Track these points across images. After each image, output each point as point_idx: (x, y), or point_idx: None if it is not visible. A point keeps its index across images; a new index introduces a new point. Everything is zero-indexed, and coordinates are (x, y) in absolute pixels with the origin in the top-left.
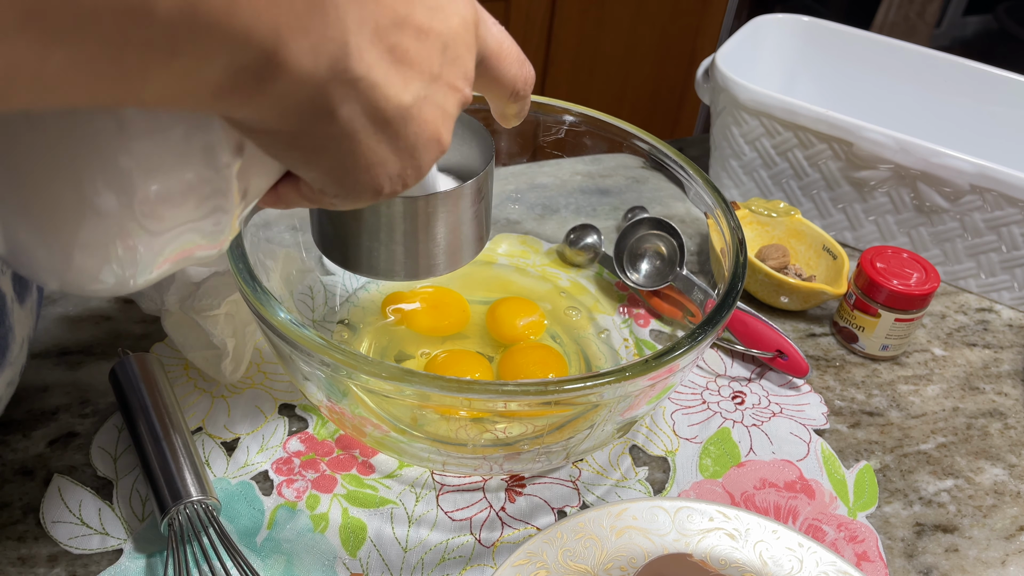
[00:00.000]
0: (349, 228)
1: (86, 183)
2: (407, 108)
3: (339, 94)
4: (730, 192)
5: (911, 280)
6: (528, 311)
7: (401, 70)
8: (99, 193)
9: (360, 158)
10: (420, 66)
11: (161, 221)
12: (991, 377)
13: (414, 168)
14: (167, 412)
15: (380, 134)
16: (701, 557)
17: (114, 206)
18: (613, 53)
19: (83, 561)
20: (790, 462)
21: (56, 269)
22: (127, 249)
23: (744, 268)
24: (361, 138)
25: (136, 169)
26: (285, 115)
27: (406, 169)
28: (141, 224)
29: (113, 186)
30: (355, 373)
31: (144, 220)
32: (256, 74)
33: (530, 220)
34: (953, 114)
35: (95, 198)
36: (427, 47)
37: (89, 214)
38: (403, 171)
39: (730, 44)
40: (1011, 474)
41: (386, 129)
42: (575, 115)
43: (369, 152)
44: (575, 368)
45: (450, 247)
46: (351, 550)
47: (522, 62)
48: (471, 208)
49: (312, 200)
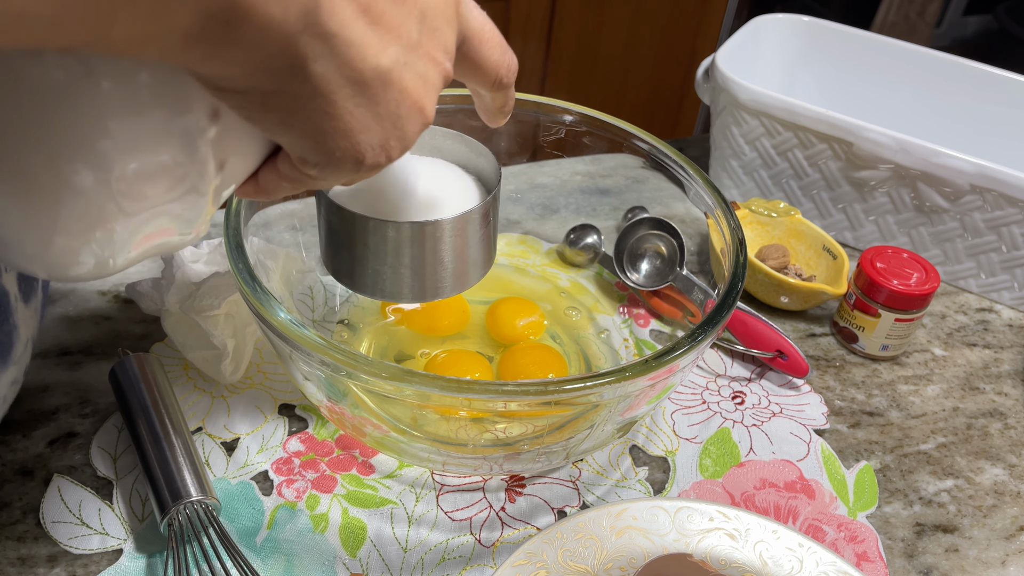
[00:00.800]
0: (357, 251)
1: (63, 162)
2: (386, 71)
3: (312, 49)
4: (730, 192)
5: (911, 280)
6: (528, 311)
7: (377, 31)
8: (77, 172)
9: (338, 121)
10: (397, 30)
11: (138, 200)
12: (991, 377)
13: (397, 138)
14: (167, 412)
15: (358, 96)
16: (701, 557)
17: (91, 184)
18: (613, 53)
19: (83, 561)
20: (790, 462)
21: (38, 253)
22: (105, 231)
23: (744, 268)
24: (337, 99)
25: (113, 144)
26: (256, 70)
27: (389, 139)
28: (118, 204)
29: (90, 163)
30: (355, 373)
31: (121, 199)
32: (224, 21)
33: (530, 220)
34: (953, 114)
35: (73, 177)
36: (404, 12)
37: (67, 194)
38: (386, 141)
39: (730, 44)
40: (1011, 474)
41: (364, 92)
42: (575, 115)
43: (347, 115)
44: (575, 368)
45: (457, 270)
46: (351, 550)
47: (504, 48)
48: (478, 232)
49: (293, 179)
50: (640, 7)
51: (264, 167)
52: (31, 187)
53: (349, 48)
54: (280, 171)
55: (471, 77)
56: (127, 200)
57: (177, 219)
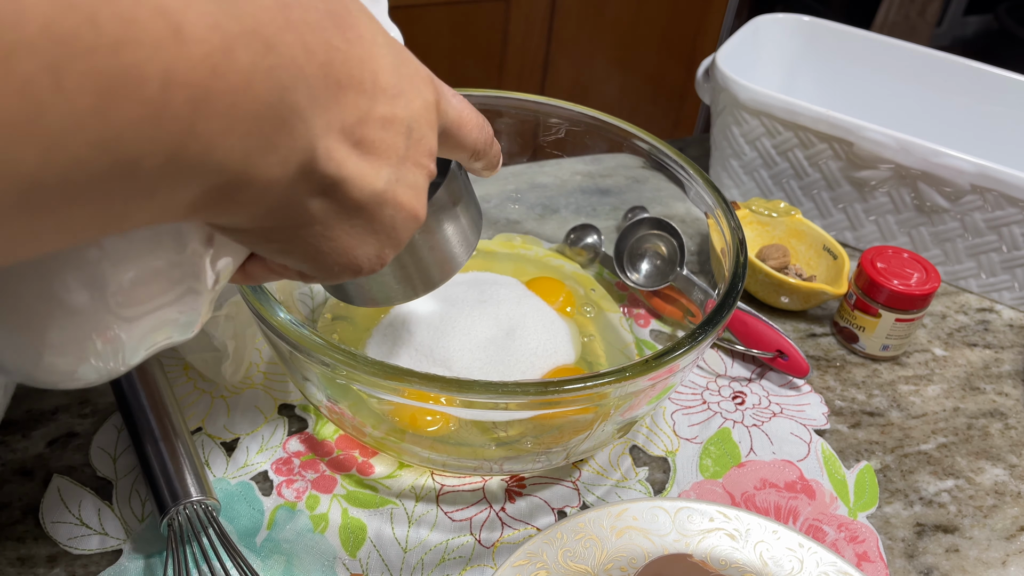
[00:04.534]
0: None
1: (55, 282)
2: (380, 194)
3: (309, 192)
4: (730, 192)
5: (911, 280)
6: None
7: (370, 160)
8: (70, 290)
9: (335, 242)
10: (387, 152)
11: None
12: (992, 377)
13: (392, 246)
14: (167, 412)
15: (355, 219)
16: (701, 557)
17: (86, 301)
18: (613, 53)
19: (83, 561)
20: (790, 462)
21: (25, 369)
22: (107, 341)
23: (744, 268)
24: (335, 225)
25: (107, 262)
26: (257, 217)
27: (384, 248)
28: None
29: (85, 283)
30: (355, 373)
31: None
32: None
33: (530, 220)
34: (954, 114)
35: (65, 296)
36: (392, 134)
37: (59, 313)
38: (381, 250)
39: (730, 44)
40: (1012, 474)
41: (360, 215)
42: (575, 115)
43: (344, 236)
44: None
45: (440, 258)
46: (351, 550)
47: (481, 126)
48: (450, 215)
49: (283, 275)
50: (640, 7)
51: (252, 262)
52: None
53: (344, 184)
54: (270, 267)
55: (451, 154)
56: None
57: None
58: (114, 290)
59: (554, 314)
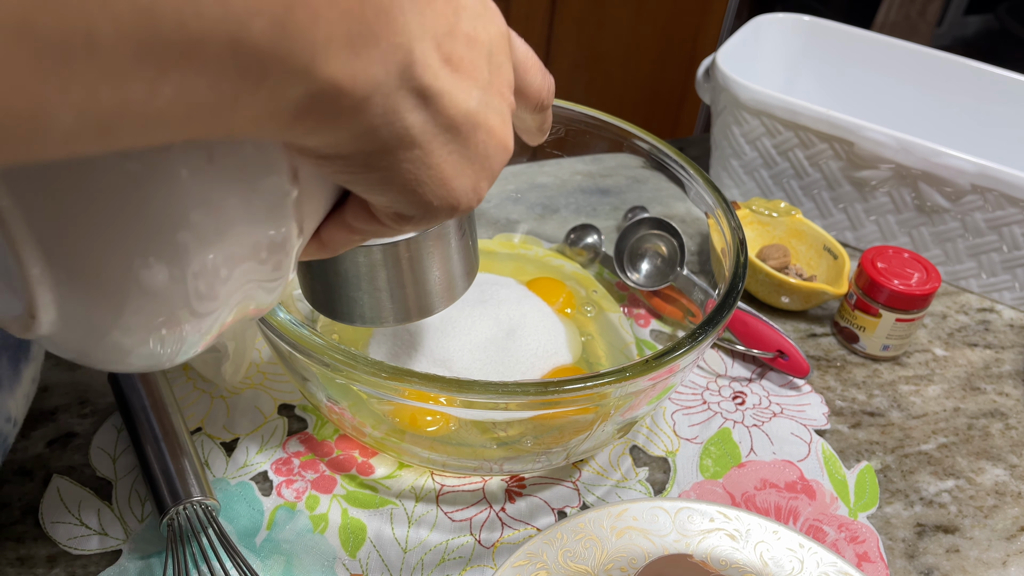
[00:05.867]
0: (330, 279)
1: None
2: (474, 114)
3: (410, 104)
4: (731, 192)
5: (912, 280)
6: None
7: (459, 77)
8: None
9: (435, 170)
10: (474, 73)
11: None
12: (992, 377)
13: (487, 178)
14: (166, 412)
15: (452, 143)
16: (702, 558)
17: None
18: (613, 53)
19: (82, 562)
20: (791, 462)
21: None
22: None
23: (745, 268)
24: (434, 148)
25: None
26: (360, 134)
27: (480, 180)
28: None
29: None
30: (355, 373)
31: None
32: (331, 97)
33: (530, 220)
34: (954, 114)
35: (148, 276)
36: (476, 54)
37: (137, 291)
38: (477, 182)
39: (731, 44)
40: (1012, 474)
41: (457, 137)
42: (575, 115)
43: (443, 163)
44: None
45: (438, 286)
46: (351, 551)
47: (544, 72)
48: (453, 244)
49: (368, 233)
50: (640, 7)
51: (330, 224)
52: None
53: (441, 97)
54: (352, 226)
55: (517, 103)
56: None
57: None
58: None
59: (554, 314)
